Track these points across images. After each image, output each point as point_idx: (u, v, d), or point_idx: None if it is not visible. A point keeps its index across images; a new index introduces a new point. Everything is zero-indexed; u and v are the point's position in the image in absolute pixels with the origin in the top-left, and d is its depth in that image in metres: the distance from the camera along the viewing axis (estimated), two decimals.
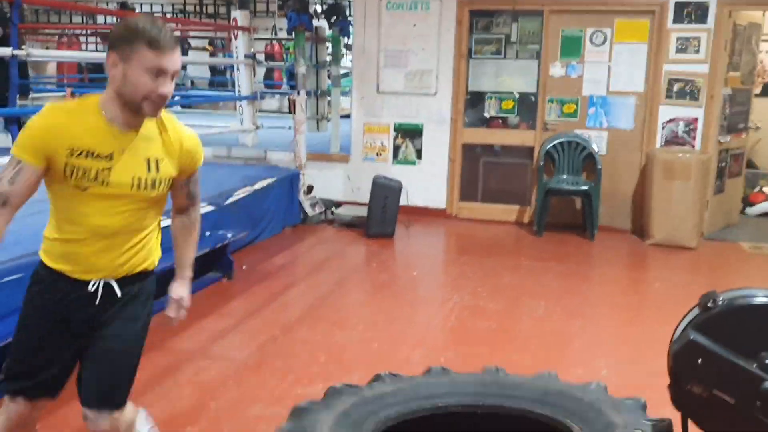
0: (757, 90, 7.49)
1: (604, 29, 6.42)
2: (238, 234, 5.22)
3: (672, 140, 6.39)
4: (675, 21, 6.21)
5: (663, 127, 6.40)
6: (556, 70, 6.59)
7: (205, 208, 5.08)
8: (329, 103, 8.05)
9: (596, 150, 6.43)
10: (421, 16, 6.75)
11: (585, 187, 6.30)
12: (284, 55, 13.12)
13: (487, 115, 6.89)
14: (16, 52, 3.93)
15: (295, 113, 6.58)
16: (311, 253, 5.94)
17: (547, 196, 6.38)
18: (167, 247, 2.35)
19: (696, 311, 2.07)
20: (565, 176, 6.47)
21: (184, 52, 12.16)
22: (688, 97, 6.28)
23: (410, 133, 6.97)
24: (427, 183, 6.91)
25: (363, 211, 6.67)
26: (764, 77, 8.13)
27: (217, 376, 3.50)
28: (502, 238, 6.49)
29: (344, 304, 4.79)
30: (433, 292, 5.20)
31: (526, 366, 2.93)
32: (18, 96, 7.00)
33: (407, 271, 5.74)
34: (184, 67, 12.46)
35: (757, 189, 7.56)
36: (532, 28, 6.65)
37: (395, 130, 7.00)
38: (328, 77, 8.14)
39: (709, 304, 2.03)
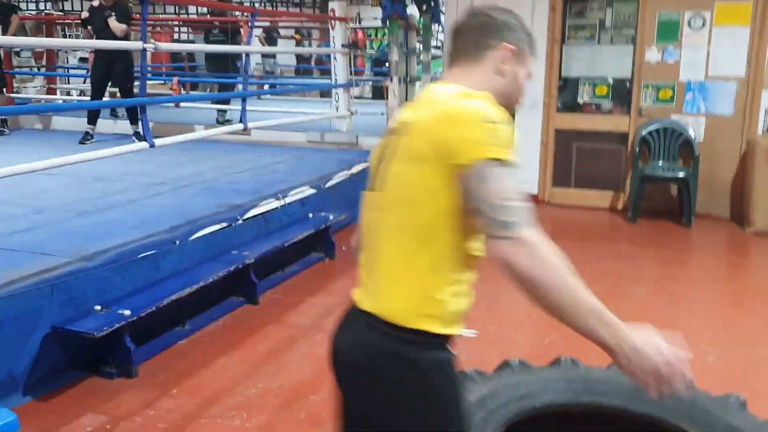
0: None
1: (703, 12, 6.30)
2: (339, 216, 5.42)
3: None
4: None
5: (766, 113, 6.24)
6: (652, 54, 6.51)
7: (307, 191, 5.32)
8: (419, 89, 8.18)
9: (693, 136, 6.34)
10: (515, 1, 6.75)
11: (682, 174, 6.23)
12: (367, 43, 13.31)
13: (580, 100, 6.87)
14: (146, 45, 4.22)
15: (387, 99, 6.72)
16: None
17: (643, 182, 6.33)
18: None
19: None
20: (661, 163, 6.41)
21: (274, 42, 12.51)
22: None
23: None
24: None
25: None
26: None
27: None
28: (597, 224, 6.49)
29: None
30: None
31: None
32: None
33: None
34: (273, 56, 12.82)
35: None
36: (628, 12, 6.58)
37: None
38: (418, 64, 8.26)
39: None
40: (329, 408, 3.01)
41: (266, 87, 11.42)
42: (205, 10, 12.73)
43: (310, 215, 5.26)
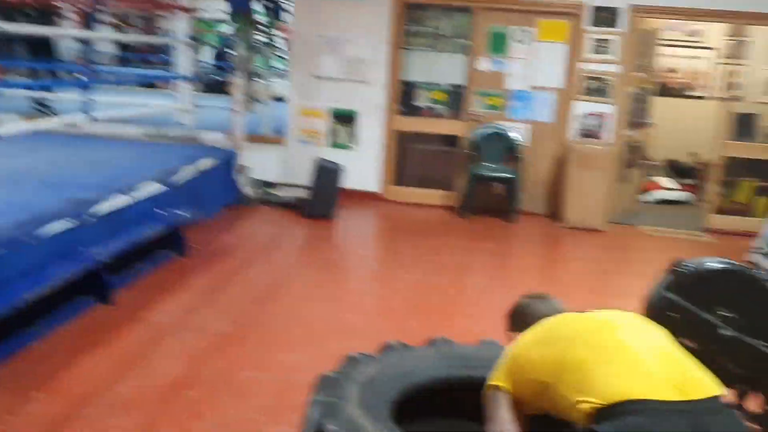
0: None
1: (528, 28, 6.95)
2: (189, 213, 5.32)
3: (585, 133, 7.04)
4: (591, 23, 6.83)
5: (577, 121, 7.03)
6: (483, 64, 7.07)
7: (153, 186, 5.17)
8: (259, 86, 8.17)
9: (518, 141, 6.98)
10: (360, 5, 7.02)
11: (509, 175, 6.84)
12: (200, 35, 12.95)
13: (419, 104, 7.28)
14: None
15: (233, 95, 6.69)
16: (258, 233, 6.13)
17: (475, 182, 6.86)
18: None
19: (667, 275, 2.52)
20: (490, 164, 6.98)
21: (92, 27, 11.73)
22: (600, 93, 6.94)
23: (345, 118, 7.25)
24: (360, 167, 7.21)
25: (299, 193, 6.92)
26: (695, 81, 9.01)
27: (202, 347, 3.68)
28: (434, 220, 6.92)
29: (303, 281, 5.03)
30: (383, 269, 5.55)
31: (487, 334, 3.30)
32: None
33: (355, 250, 6.05)
34: (91, 42, 12.03)
35: (650, 178, 8.39)
36: (462, 24, 7.09)
37: (330, 115, 7.26)
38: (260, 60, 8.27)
39: (678, 270, 2.48)
40: (208, 402, 3.04)
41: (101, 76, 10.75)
42: None
43: (159, 212, 5.12)
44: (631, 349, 1.77)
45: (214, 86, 9.14)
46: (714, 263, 2.53)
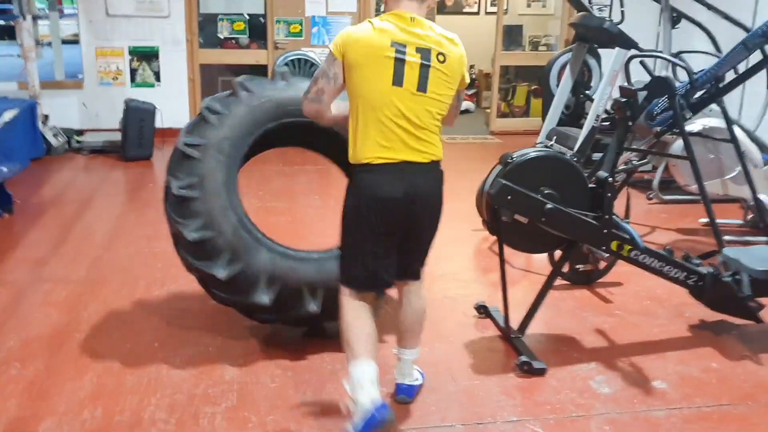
0: None
1: None
2: (11, 168, 5.08)
3: None
4: None
5: None
6: None
7: None
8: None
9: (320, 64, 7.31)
10: None
11: None
12: None
13: (221, 36, 7.30)
14: None
15: (22, 40, 6.26)
16: (79, 181, 5.93)
17: None
18: None
19: (499, 167, 3.08)
20: None
21: None
22: None
23: (146, 55, 7.08)
24: (168, 104, 7.10)
25: (109, 137, 6.75)
26: None
27: (71, 294, 3.69)
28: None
29: (145, 221, 5.05)
30: None
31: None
32: None
33: None
34: None
35: None
36: None
37: (130, 53, 7.05)
38: None
39: (508, 160, 3.05)
40: (102, 343, 3.15)
41: None
42: None
43: None
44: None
45: None
46: (533, 152, 3.13)
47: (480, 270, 4.34)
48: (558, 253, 3.43)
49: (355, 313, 2.44)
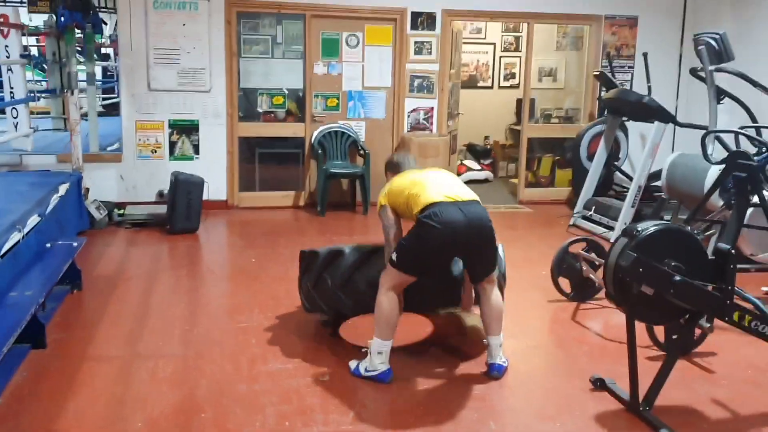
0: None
1: (356, 33, 7.43)
2: (71, 242, 5.03)
3: (415, 126, 7.73)
4: (412, 28, 7.51)
5: (408, 116, 7.69)
6: (319, 68, 7.42)
7: (36, 219, 4.82)
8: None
9: (358, 137, 7.46)
10: (191, 15, 6.95)
11: (359, 170, 7.30)
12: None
13: (260, 109, 7.41)
14: None
15: (69, 113, 6.28)
16: (133, 255, 5.85)
17: (328, 179, 7.20)
18: None
19: (624, 239, 3.17)
20: (338, 161, 7.36)
21: None
22: (425, 90, 7.67)
23: (186, 128, 7.14)
24: (207, 176, 7.15)
25: (151, 209, 6.73)
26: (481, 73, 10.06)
27: (177, 370, 3.62)
28: (291, 221, 7.14)
29: (217, 294, 5.00)
30: (269, 269, 5.56)
31: None
32: None
33: (238, 258, 5.96)
34: None
35: (459, 162, 9.40)
36: (296, 30, 7.36)
37: (170, 126, 7.10)
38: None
39: (634, 233, 3.15)
40: (223, 419, 3.09)
41: None
42: None
43: (48, 245, 4.77)
44: (435, 183, 3.51)
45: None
46: (657, 225, 3.23)
47: (571, 340, 4.34)
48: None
49: (391, 305, 3.43)
